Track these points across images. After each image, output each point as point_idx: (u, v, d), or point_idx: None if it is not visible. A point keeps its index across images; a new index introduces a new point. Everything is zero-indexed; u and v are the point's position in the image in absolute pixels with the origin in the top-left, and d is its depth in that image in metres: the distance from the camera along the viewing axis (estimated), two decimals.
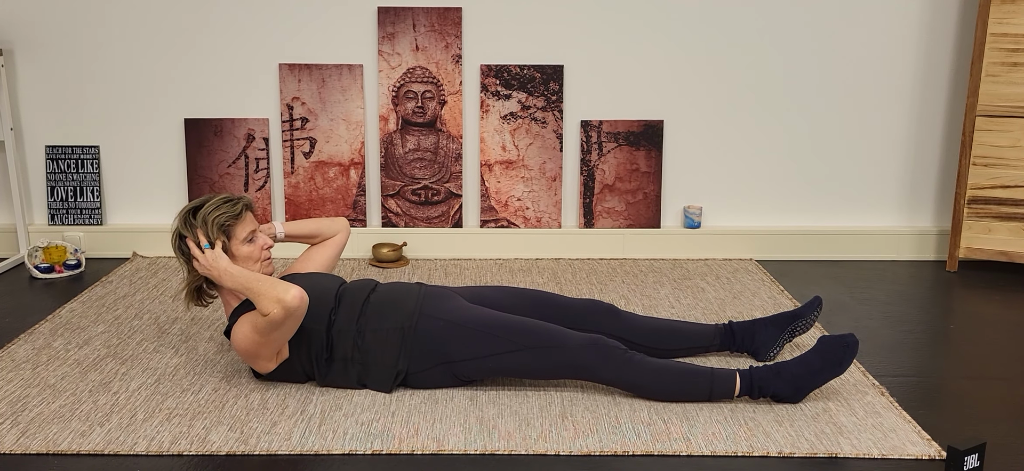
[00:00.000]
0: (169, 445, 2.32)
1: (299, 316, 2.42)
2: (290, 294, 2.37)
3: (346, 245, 2.96)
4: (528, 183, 4.02)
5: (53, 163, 4.02)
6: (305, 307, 2.42)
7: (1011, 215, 3.76)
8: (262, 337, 2.45)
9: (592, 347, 2.51)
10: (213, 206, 2.60)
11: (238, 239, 2.61)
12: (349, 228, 2.97)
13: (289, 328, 2.45)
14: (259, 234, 2.68)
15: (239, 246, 2.61)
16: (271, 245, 2.71)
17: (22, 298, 3.48)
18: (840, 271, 3.90)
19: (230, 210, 2.60)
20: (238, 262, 2.61)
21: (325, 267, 2.90)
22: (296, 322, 2.44)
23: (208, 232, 2.56)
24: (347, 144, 3.98)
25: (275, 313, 2.38)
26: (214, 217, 2.57)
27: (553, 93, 3.95)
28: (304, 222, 2.91)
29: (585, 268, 3.89)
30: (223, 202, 2.62)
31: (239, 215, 2.61)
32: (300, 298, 2.38)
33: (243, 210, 2.63)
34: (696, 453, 2.29)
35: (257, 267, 2.64)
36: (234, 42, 3.93)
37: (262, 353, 2.52)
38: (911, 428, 2.43)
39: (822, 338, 2.54)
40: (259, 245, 2.65)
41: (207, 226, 2.56)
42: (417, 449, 2.31)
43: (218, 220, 2.57)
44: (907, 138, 4.04)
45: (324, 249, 2.91)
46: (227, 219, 2.59)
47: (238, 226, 2.61)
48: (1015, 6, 3.62)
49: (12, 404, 2.55)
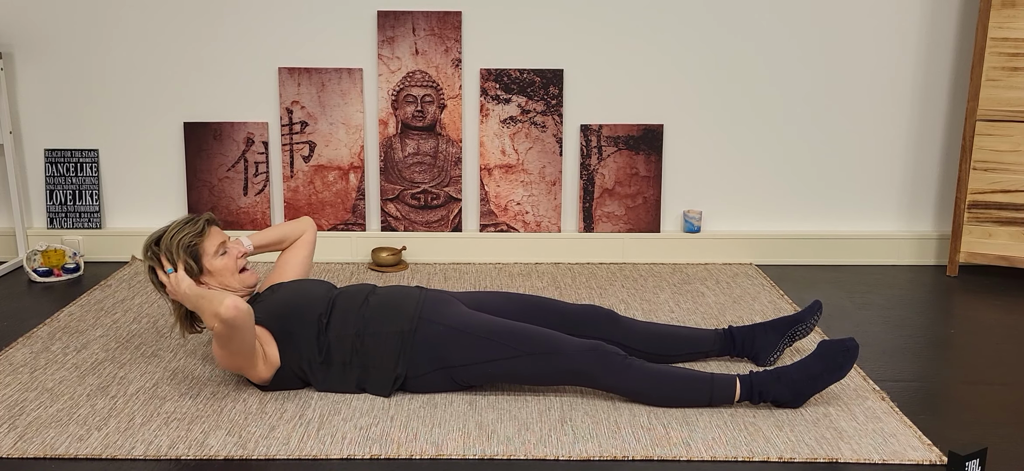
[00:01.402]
0: (167, 449, 2.31)
1: (241, 324, 2.37)
2: (224, 306, 2.34)
3: (315, 242, 2.97)
4: (528, 187, 4.02)
5: (52, 166, 4.02)
6: (243, 315, 2.36)
7: (1012, 220, 3.76)
8: (224, 350, 2.46)
9: (591, 353, 2.50)
10: (175, 229, 2.60)
11: (209, 254, 2.61)
12: (314, 225, 2.98)
13: (241, 338, 2.41)
14: (230, 244, 2.67)
15: (212, 261, 2.62)
16: (244, 252, 2.71)
17: (20, 302, 3.47)
18: (840, 276, 3.89)
19: (192, 229, 2.60)
20: (215, 277, 2.61)
21: (301, 268, 2.90)
22: (244, 331, 2.40)
23: (170, 256, 2.56)
24: (347, 148, 3.98)
25: (217, 328, 2.38)
26: (176, 240, 2.57)
27: (553, 97, 3.95)
28: (270, 230, 2.90)
29: (585, 272, 3.89)
30: (184, 224, 2.62)
31: (202, 231, 2.62)
32: (234, 307, 2.34)
33: (205, 226, 2.63)
34: (696, 458, 2.29)
35: (236, 278, 2.65)
36: (234, 46, 3.92)
37: (239, 364, 2.52)
38: (912, 433, 2.42)
39: (822, 343, 2.53)
40: (232, 255, 2.66)
41: (170, 251, 2.57)
42: (416, 454, 2.30)
43: (182, 242, 2.58)
44: (907, 142, 4.03)
45: (295, 252, 2.92)
46: (190, 239, 2.59)
47: (205, 242, 2.62)
48: (1015, 11, 3.62)
49: (10, 408, 2.54)
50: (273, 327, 2.57)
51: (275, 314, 2.59)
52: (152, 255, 2.60)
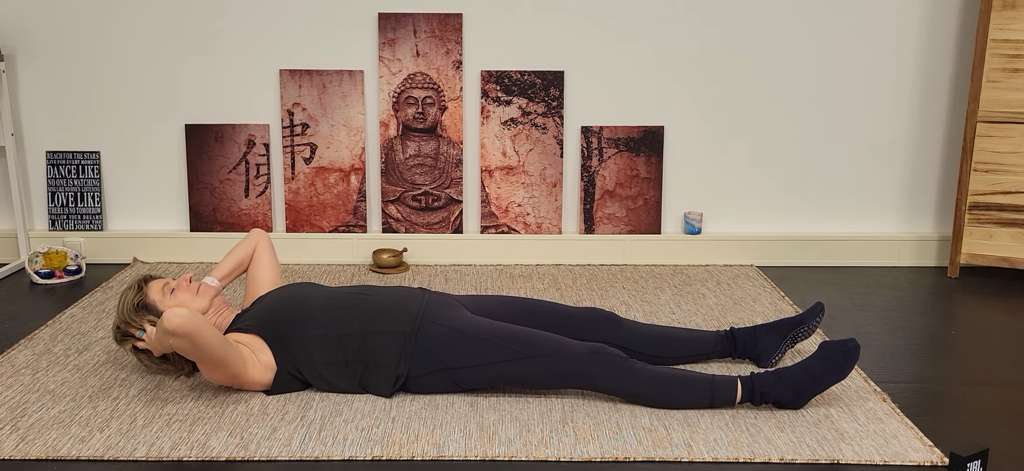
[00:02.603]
0: (169, 451, 2.32)
1: (190, 329, 2.36)
2: (165, 320, 2.37)
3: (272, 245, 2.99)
4: (528, 189, 4.02)
5: (54, 168, 4.02)
6: (184, 318, 2.36)
7: (1012, 221, 3.76)
8: (201, 363, 2.47)
9: (593, 356, 2.50)
10: (119, 305, 2.65)
11: (160, 301, 2.65)
12: (264, 233, 2.99)
13: (205, 343, 2.40)
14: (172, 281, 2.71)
15: (165, 302, 2.65)
16: (190, 276, 2.73)
17: (22, 303, 3.48)
18: (841, 277, 3.89)
19: (131, 295, 2.65)
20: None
21: (271, 276, 2.92)
22: (200, 334, 2.38)
23: (133, 324, 2.61)
24: (348, 150, 3.98)
25: (174, 343, 2.39)
26: (124, 308, 2.63)
27: (553, 99, 3.95)
28: (223, 262, 2.92)
29: (585, 274, 3.89)
30: (125, 292, 2.67)
31: (140, 289, 2.66)
32: (174, 317, 2.35)
33: (141, 284, 2.68)
34: (697, 460, 2.29)
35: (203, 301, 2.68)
36: (235, 48, 3.93)
37: (227, 373, 2.53)
38: (913, 434, 2.42)
39: (823, 344, 2.54)
40: (182, 285, 2.69)
41: (128, 321, 2.62)
42: (417, 455, 2.30)
43: (128, 309, 2.62)
44: (908, 144, 4.03)
45: (257, 265, 2.94)
46: (133, 298, 2.63)
47: (150, 296, 2.66)
48: (1016, 12, 3.62)
49: (12, 410, 2.55)
50: (264, 333, 2.59)
51: (264, 320, 2.61)
52: (123, 337, 2.64)
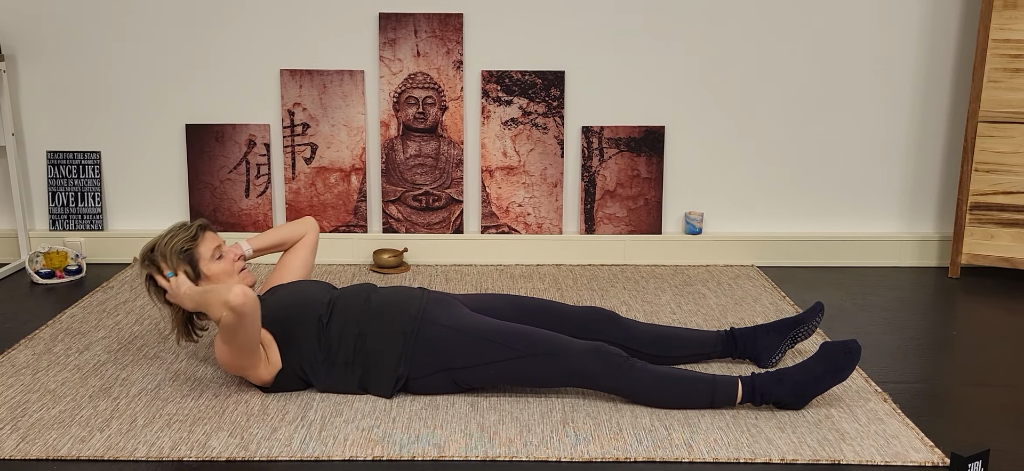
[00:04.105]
0: (169, 451, 2.32)
1: (250, 312, 2.38)
2: (233, 293, 2.35)
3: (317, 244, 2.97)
4: (529, 189, 4.02)
5: (54, 168, 4.02)
6: (252, 303, 2.38)
7: (1013, 221, 3.76)
8: (229, 345, 2.46)
9: (594, 355, 2.50)
10: (168, 236, 2.62)
11: (205, 259, 2.63)
12: (316, 225, 2.98)
13: (248, 328, 2.41)
14: (226, 249, 2.68)
15: (209, 266, 2.63)
16: (242, 256, 2.71)
17: (23, 303, 3.48)
18: (842, 277, 3.89)
19: (185, 234, 2.62)
20: (214, 281, 2.62)
21: (302, 271, 2.90)
22: (252, 320, 2.41)
23: (169, 261, 2.58)
24: (348, 150, 3.98)
25: (225, 317, 2.38)
26: (171, 245, 2.59)
27: (554, 99, 3.95)
28: (270, 233, 2.91)
29: (586, 274, 3.89)
30: (178, 229, 2.64)
31: (195, 237, 2.63)
32: (243, 295, 2.35)
33: (198, 231, 2.65)
34: (698, 460, 2.29)
35: (235, 280, 2.65)
36: (236, 48, 3.93)
37: (242, 363, 2.52)
38: (914, 435, 2.42)
39: (824, 344, 2.53)
40: (230, 258, 2.66)
41: (166, 256, 2.58)
42: (418, 455, 2.30)
43: (176, 247, 2.59)
44: (909, 144, 4.03)
45: (296, 253, 2.92)
46: (184, 243, 2.61)
47: (199, 246, 2.63)
48: (1017, 12, 3.62)
49: (12, 409, 2.55)
50: (274, 330, 2.58)
51: (275, 317, 2.59)
52: (149, 263, 2.61)
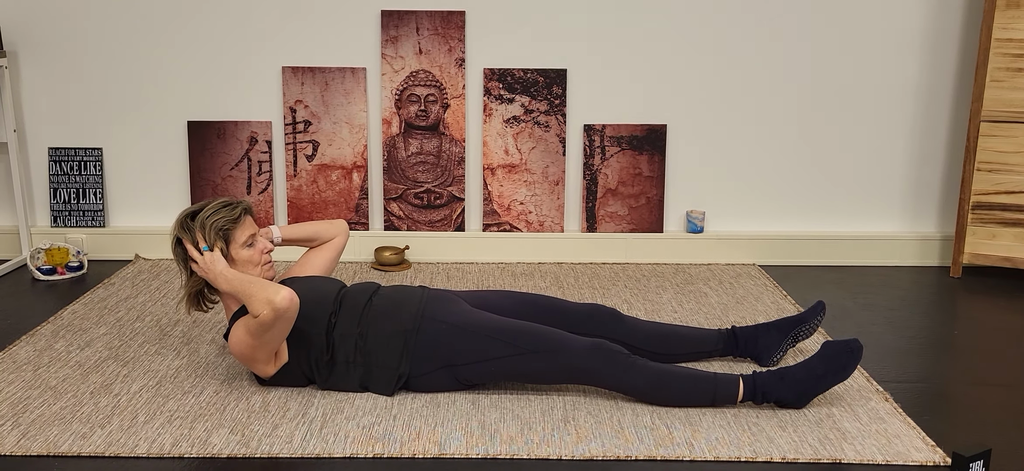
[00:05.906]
0: (170, 447, 2.32)
1: (289, 317, 2.41)
2: (280, 295, 2.35)
3: (345, 248, 2.94)
4: (531, 187, 4.02)
5: (56, 165, 4.02)
6: (295, 309, 2.40)
7: (1015, 221, 3.75)
8: (255, 339, 2.45)
9: (595, 351, 2.50)
10: (212, 210, 2.59)
11: (237, 243, 2.61)
12: (348, 230, 2.96)
13: (280, 330, 2.43)
14: (259, 238, 2.67)
15: (238, 250, 2.61)
16: (271, 249, 2.71)
17: (24, 300, 3.48)
18: (843, 276, 3.89)
19: (229, 214, 2.60)
20: (238, 266, 2.60)
21: (324, 270, 2.89)
22: (287, 324, 2.43)
23: (206, 235, 2.56)
24: (350, 147, 3.98)
25: (265, 315, 2.37)
26: (212, 221, 2.57)
27: (556, 97, 3.95)
28: (302, 226, 2.90)
29: (587, 272, 3.88)
30: (222, 206, 2.61)
31: (238, 219, 2.61)
32: (290, 299, 2.37)
33: (242, 214, 2.63)
34: (699, 458, 2.28)
35: (258, 271, 2.64)
36: (237, 45, 3.93)
37: (257, 356, 2.51)
38: (915, 434, 2.42)
39: (826, 343, 2.53)
40: (259, 249, 2.65)
41: (205, 230, 2.56)
42: (418, 453, 2.30)
43: (216, 224, 2.57)
44: (911, 143, 4.03)
45: (322, 252, 2.91)
46: (226, 223, 2.58)
47: (237, 230, 2.61)
48: (1020, 12, 3.62)
49: (13, 405, 2.55)
50: None
51: None
52: (186, 229, 2.59)
